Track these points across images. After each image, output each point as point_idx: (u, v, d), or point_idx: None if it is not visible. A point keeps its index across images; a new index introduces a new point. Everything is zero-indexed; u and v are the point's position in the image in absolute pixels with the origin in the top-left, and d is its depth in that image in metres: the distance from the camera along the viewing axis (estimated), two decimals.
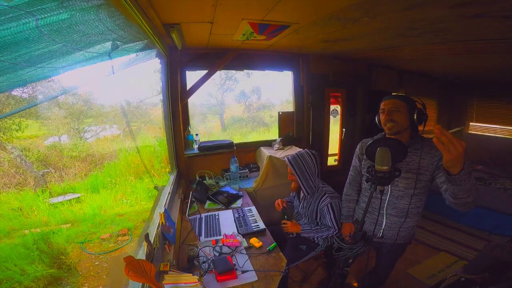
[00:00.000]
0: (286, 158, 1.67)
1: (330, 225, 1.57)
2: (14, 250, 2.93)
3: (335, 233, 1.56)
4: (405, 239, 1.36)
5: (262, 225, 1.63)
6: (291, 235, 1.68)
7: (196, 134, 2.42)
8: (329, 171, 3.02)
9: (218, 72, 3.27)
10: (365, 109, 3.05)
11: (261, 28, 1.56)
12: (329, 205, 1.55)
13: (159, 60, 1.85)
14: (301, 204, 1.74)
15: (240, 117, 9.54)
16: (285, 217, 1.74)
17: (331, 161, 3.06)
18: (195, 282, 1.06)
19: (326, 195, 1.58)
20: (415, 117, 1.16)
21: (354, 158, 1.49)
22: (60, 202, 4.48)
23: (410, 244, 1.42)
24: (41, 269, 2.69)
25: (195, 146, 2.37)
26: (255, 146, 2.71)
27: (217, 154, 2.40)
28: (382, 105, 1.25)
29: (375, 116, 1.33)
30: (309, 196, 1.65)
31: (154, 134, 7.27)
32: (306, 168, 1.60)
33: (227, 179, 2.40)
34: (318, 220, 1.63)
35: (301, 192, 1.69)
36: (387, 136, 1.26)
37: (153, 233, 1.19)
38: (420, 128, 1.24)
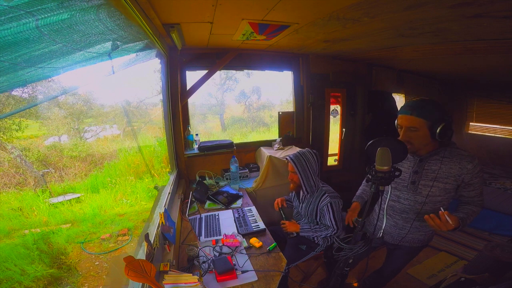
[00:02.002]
0: (288, 156, 1.66)
1: (329, 225, 1.57)
2: (14, 250, 2.93)
3: (334, 232, 1.56)
4: (421, 243, 1.33)
5: (262, 225, 1.63)
6: (291, 235, 1.68)
7: (196, 134, 2.42)
8: (329, 171, 3.02)
9: (218, 72, 3.27)
10: (365, 109, 3.04)
11: (261, 28, 1.56)
12: (328, 204, 1.55)
13: (159, 60, 1.85)
14: (301, 204, 1.74)
15: (240, 117, 9.56)
16: (283, 216, 1.74)
17: (331, 161, 3.06)
18: (195, 282, 1.06)
19: (326, 194, 1.58)
20: (437, 133, 1.04)
21: None
22: (60, 202, 4.49)
23: (425, 247, 1.38)
24: (41, 269, 2.69)
25: (195, 146, 2.37)
26: (255, 146, 2.71)
27: (217, 154, 2.41)
28: (398, 120, 1.14)
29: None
30: (309, 195, 1.65)
31: (154, 134, 7.28)
32: (308, 166, 1.60)
33: (227, 179, 2.40)
34: (317, 219, 1.63)
35: (301, 192, 1.69)
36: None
37: (153, 233, 1.19)
38: None
